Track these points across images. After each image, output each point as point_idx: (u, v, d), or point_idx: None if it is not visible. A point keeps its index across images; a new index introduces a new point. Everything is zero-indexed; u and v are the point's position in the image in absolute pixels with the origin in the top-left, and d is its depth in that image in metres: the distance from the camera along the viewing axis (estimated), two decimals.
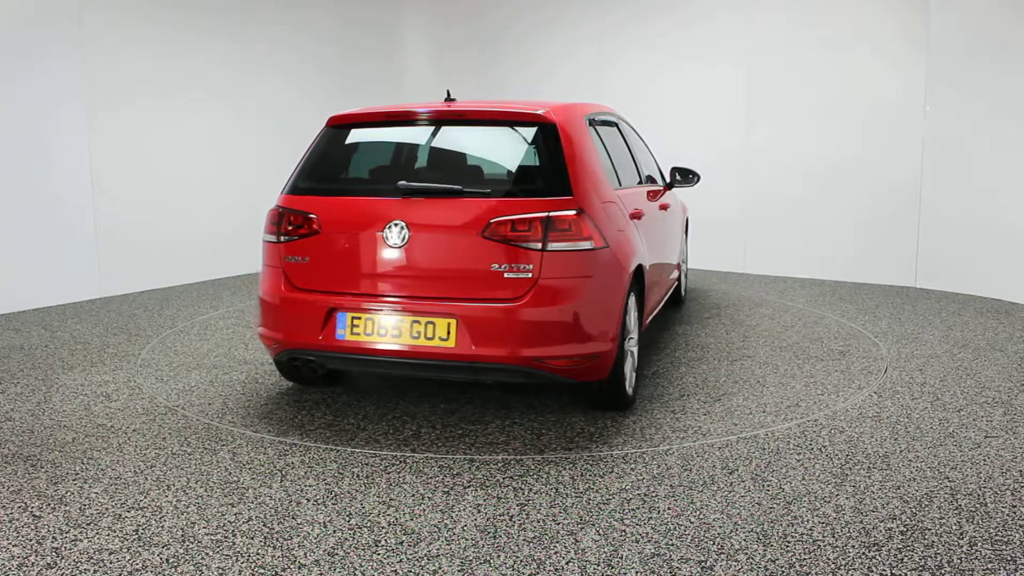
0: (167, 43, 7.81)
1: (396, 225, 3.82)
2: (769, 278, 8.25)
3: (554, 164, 3.91)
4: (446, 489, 3.33)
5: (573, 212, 3.76)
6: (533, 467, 3.55)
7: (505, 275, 3.70)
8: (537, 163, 4.01)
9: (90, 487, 3.37)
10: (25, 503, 3.23)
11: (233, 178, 8.59)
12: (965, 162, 7.18)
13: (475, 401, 4.41)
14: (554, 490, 3.31)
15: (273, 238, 4.11)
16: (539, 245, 3.70)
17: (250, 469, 3.55)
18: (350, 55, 9.86)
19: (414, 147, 4.40)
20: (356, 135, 4.37)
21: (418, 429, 4.02)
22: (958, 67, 7.17)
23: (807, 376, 4.86)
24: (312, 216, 3.99)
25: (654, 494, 3.26)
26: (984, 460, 3.58)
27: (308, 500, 3.23)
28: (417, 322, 3.76)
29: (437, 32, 10.58)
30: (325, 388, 4.68)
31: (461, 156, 4.33)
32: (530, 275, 3.69)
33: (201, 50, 8.14)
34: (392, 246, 3.82)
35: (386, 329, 3.80)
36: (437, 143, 4.32)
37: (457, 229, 3.78)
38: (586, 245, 3.76)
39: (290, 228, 4.04)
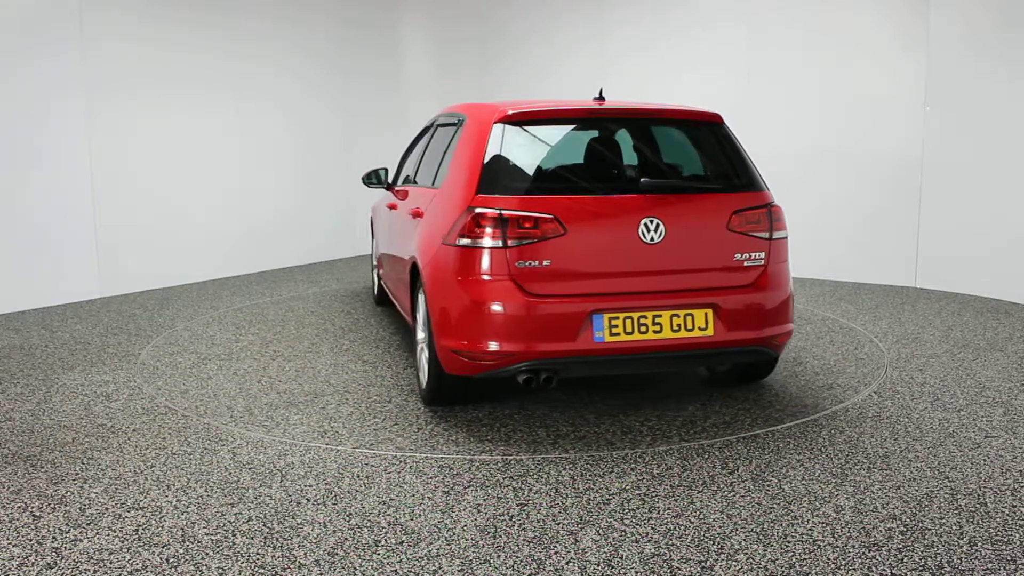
0: (166, 42, 7.81)
1: (652, 221, 3.88)
2: None
3: (743, 161, 4.26)
4: (446, 489, 3.33)
5: (777, 205, 4.21)
6: (533, 467, 3.55)
7: (745, 264, 4.04)
8: (730, 160, 4.27)
9: (90, 487, 3.37)
10: (25, 503, 3.23)
11: (233, 177, 8.60)
12: (965, 162, 7.18)
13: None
14: (554, 490, 3.31)
15: (494, 243, 3.79)
16: (767, 234, 4.11)
17: (250, 469, 3.55)
18: (351, 54, 9.86)
19: (612, 144, 4.40)
20: (534, 132, 4.22)
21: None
22: (958, 67, 7.17)
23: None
24: (549, 217, 3.84)
25: (654, 494, 3.27)
26: (984, 460, 3.58)
27: (308, 500, 3.23)
28: (676, 315, 3.86)
29: (437, 30, 10.58)
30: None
31: (666, 153, 4.44)
32: (762, 263, 4.08)
33: (201, 49, 8.14)
34: (648, 243, 3.87)
35: (647, 326, 3.82)
36: (632, 141, 4.43)
37: (708, 223, 4.02)
38: (784, 234, 4.22)
39: (520, 231, 3.80)
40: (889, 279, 7.76)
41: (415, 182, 5.30)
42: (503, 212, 3.81)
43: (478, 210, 3.85)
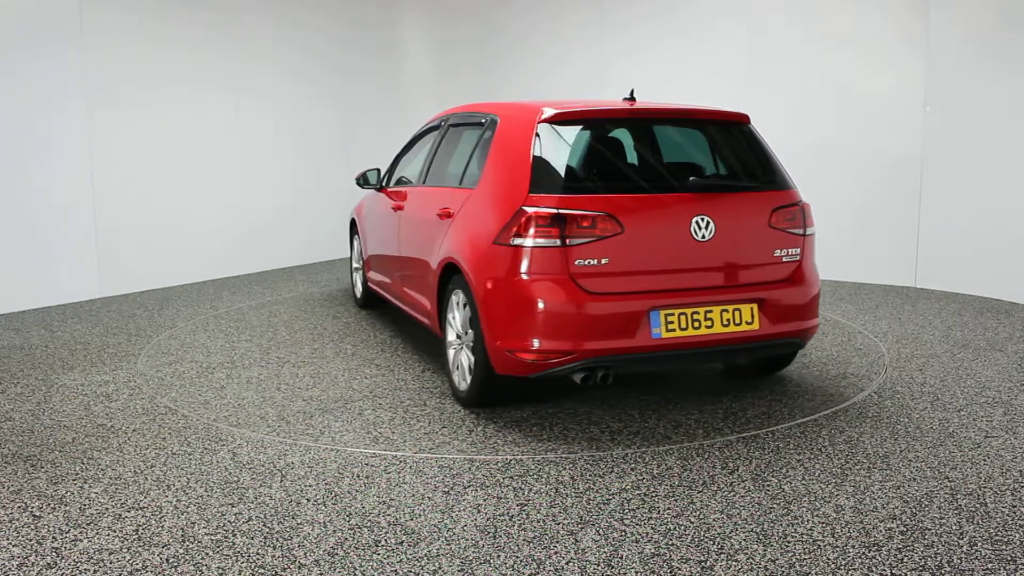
0: (166, 42, 7.81)
1: (703, 219, 3.97)
2: None
3: (773, 160, 4.38)
4: (446, 489, 3.33)
5: (806, 202, 4.33)
6: (533, 467, 3.55)
7: (783, 259, 4.18)
8: (761, 158, 4.38)
9: (90, 487, 3.37)
10: (25, 503, 3.23)
11: (233, 177, 8.60)
12: (965, 162, 7.17)
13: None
14: (554, 490, 3.31)
15: (552, 242, 3.79)
16: (801, 231, 4.25)
17: (250, 469, 3.55)
18: (351, 54, 9.86)
19: (653, 144, 4.48)
20: (577, 132, 4.22)
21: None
22: (958, 67, 7.16)
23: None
24: (606, 215, 3.84)
25: (654, 494, 3.27)
26: (984, 460, 3.58)
27: (308, 500, 3.23)
28: (726, 310, 3.98)
29: (437, 30, 10.58)
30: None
31: (702, 152, 4.52)
32: (797, 258, 4.23)
33: (201, 49, 8.14)
34: (700, 240, 3.96)
35: (699, 321, 3.93)
36: (670, 140, 4.51)
37: (752, 220, 4.15)
38: (814, 230, 4.34)
39: (579, 229, 3.80)
40: (889, 279, 7.76)
41: (424, 183, 5.28)
42: (561, 211, 3.81)
43: (533, 210, 3.84)
